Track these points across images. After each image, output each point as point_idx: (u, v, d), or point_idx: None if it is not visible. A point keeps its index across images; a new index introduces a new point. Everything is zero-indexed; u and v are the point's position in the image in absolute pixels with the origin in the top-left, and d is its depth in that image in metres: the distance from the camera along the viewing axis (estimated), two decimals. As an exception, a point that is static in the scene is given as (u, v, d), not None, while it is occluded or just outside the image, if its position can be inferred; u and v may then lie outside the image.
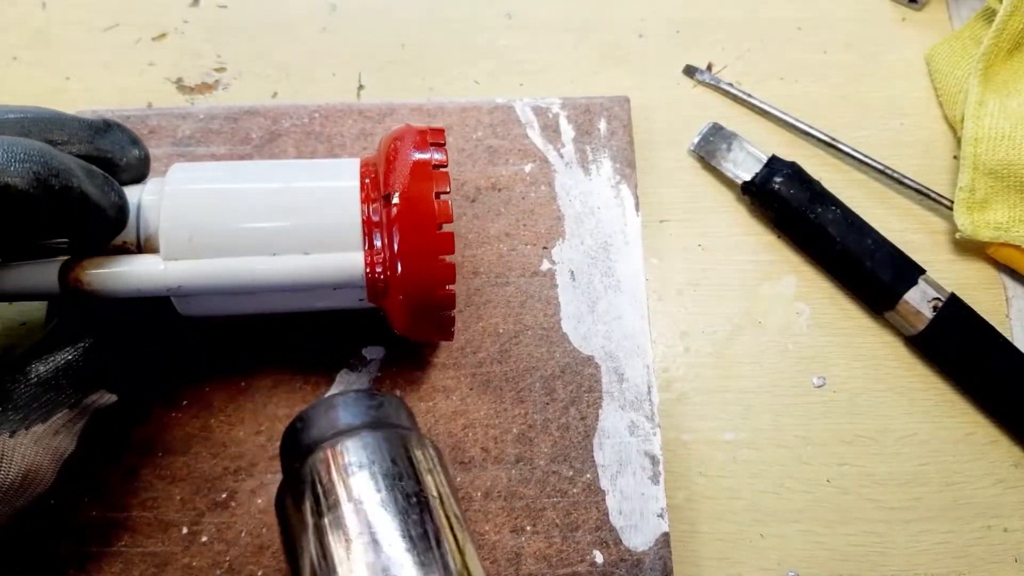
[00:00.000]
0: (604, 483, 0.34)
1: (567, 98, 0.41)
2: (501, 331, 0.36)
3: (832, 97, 0.44)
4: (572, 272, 0.38)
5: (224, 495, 0.33)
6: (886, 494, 0.36)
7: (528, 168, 0.39)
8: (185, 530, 0.32)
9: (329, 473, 0.24)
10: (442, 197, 0.29)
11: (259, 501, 0.33)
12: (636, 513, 0.34)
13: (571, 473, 0.34)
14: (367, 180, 0.30)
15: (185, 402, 0.34)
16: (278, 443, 0.34)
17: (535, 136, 0.40)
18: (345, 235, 0.29)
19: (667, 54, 0.44)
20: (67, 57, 0.42)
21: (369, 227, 0.29)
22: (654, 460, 0.35)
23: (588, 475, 0.34)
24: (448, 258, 0.29)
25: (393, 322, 0.31)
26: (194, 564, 0.32)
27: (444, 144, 0.30)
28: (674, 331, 0.39)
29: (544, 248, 0.38)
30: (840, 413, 0.38)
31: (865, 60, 0.45)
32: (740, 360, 0.38)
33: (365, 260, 0.29)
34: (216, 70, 0.43)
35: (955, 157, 0.43)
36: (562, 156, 0.40)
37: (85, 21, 0.43)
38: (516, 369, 0.36)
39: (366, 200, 0.29)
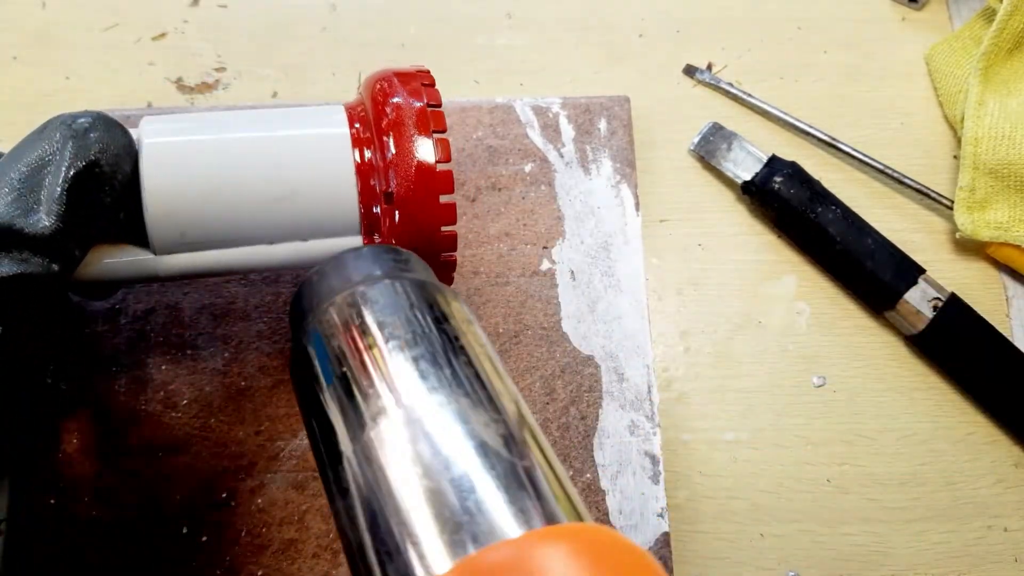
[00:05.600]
0: (604, 483, 0.34)
1: (567, 98, 0.41)
2: (501, 331, 0.36)
3: (832, 97, 0.44)
4: (572, 272, 0.38)
5: (224, 495, 0.33)
6: (886, 494, 0.36)
7: (528, 168, 0.39)
8: (185, 530, 0.32)
9: (357, 319, 0.20)
10: (436, 136, 0.28)
11: (259, 501, 0.33)
12: (636, 513, 0.34)
13: (571, 473, 0.34)
14: (356, 125, 0.29)
15: (185, 402, 0.34)
16: (278, 443, 0.34)
17: (535, 136, 0.40)
18: (339, 182, 0.28)
19: (667, 54, 0.44)
20: (67, 57, 0.42)
21: (363, 174, 0.28)
22: (654, 460, 0.35)
23: (588, 475, 0.34)
24: (447, 228, 0.28)
25: None
26: (194, 564, 0.32)
27: (434, 84, 0.29)
28: (674, 331, 0.39)
29: (544, 248, 0.38)
30: (840, 413, 0.38)
31: (865, 60, 0.45)
32: (740, 360, 0.38)
33: (360, 199, 0.28)
34: (216, 70, 0.43)
35: (955, 157, 0.43)
36: (562, 156, 0.40)
37: (85, 21, 0.43)
38: (516, 369, 0.36)
39: (357, 144, 0.28)
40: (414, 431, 0.17)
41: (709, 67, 0.44)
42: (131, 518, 0.32)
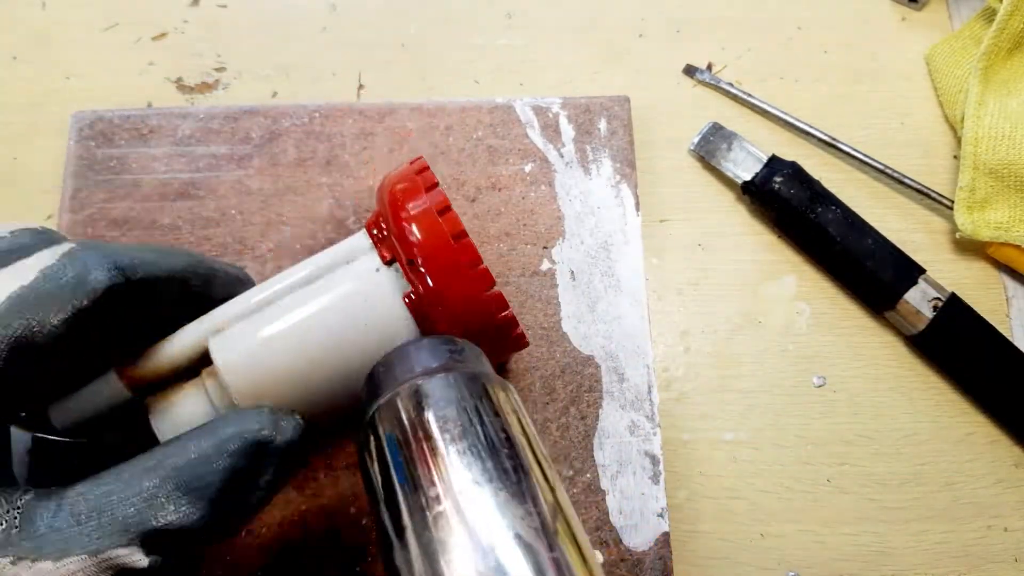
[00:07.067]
0: (604, 483, 0.34)
1: (567, 98, 0.41)
2: (501, 331, 0.36)
3: (832, 97, 0.44)
4: (572, 272, 0.38)
5: (224, 495, 0.33)
6: (886, 494, 0.36)
7: (528, 168, 0.39)
8: (185, 530, 0.32)
9: (415, 411, 0.23)
10: (461, 240, 0.27)
11: (259, 501, 0.33)
12: (636, 513, 0.34)
13: (571, 473, 0.34)
14: (375, 233, 0.29)
15: (185, 402, 0.34)
16: (278, 443, 0.34)
17: (535, 136, 0.40)
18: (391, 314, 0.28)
19: (667, 54, 0.44)
20: (67, 57, 0.42)
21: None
22: (654, 460, 0.35)
23: (588, 475, 0.34)
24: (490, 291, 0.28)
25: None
26: (194, 564, 0.32)
27: (437, 184, 0.29)
28: (674, 331, 0.39)
29: (544, 248, 0.38)
30: (840, 413, 0.38)
31: (865, 60, 0.45)
32: (740, 360, 0.38)
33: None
34: (216, 70, 0.43)
35: (955, 157, 0.43)
36: (562, 156, 0.40)
37: (85, 21, 0.43)
38: (516, 369, 0.36)
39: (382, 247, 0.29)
40: (459, 520, 0.20)
41: (709, 67, 0.44)
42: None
